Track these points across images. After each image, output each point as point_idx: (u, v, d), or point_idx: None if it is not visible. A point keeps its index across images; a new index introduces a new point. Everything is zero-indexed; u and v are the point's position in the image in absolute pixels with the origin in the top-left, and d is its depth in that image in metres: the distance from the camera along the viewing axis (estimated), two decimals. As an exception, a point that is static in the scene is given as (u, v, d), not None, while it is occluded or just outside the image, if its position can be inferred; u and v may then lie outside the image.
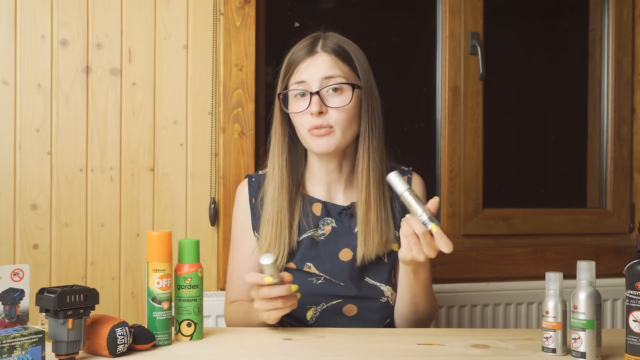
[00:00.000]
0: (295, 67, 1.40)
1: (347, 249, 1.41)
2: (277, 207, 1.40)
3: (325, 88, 1.36)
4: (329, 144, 1.37)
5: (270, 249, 1.39)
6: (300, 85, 1.38)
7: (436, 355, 1.13)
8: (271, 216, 1.40)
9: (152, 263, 1.17)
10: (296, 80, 1.39)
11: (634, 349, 1.04)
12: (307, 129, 1.37)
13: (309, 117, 1.36)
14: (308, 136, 1.38)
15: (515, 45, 2.65)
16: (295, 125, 1.41)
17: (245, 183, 1.49)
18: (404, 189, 1.21)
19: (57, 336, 1.03)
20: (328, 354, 1.13)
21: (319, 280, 1.40)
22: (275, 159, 1.42)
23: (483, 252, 2.12)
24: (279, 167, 1.41)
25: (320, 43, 1.40)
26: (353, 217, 1.43)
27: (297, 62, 1.40)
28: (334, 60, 1.38)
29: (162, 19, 1.85)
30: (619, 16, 2.34)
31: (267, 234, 1.39)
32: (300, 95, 1.38)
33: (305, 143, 1.40)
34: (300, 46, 1.42)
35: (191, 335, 1.20)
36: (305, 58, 1.39)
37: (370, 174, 1.40)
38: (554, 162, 2.69)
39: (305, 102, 1.37)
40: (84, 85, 1.81)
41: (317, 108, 1.35)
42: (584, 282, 1.10)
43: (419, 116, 2.40)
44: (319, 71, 1.37)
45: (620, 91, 2.34)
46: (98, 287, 1.73)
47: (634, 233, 2.32)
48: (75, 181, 1.80)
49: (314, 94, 1.36)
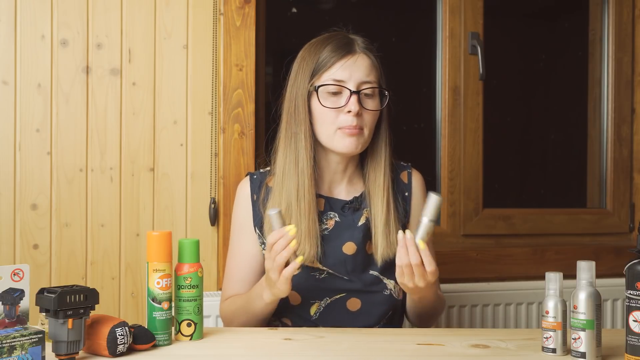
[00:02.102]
0: (332, 64, 1.38)
1: (350, 243, 1.42)
2: (309, 201, 1.38)
3: (363, 90, 1.37)
4: (356, 145, 1.38)
5: (304, 242, 1.37)
6: (338, 82, 1.37)
7: (436, 355, 1.13)
8: (306, 211, 1.38)
9: (152, 263, 1.17)
10: (334, 77, 1.37)
11: (634, 349, 1.04)
12: (338, 126, 1.37)
13: (342, 116, 1.36)
14: (336, 134, 1.37)
15: (515, 45, 2.65)
16: (320, 121, 1.39)
17: (247, 180, 1.49)
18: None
19: (57, 336, 1.03)
20: (328, 354, 1.13)
21: (322, 274, 1.40)
22: (297, 154, 1.39)
23: (483, 252, 2.12)
24: (302, 161, 1.39)
25: (357, 43, 1.41)
26: (357, 211, 1.44)
27: (335, 58, 1.38)
28: (371, 64, 1.40)
29: (162, 19, 1.85)
30: (619, 16, 2.34)
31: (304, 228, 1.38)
32: (333, 93, 1.38)
33: (330, 141, 1.39)
34: (334, 43, 1.40)
35: (191, 335, 1.20)
36: (345, 55, 1.38)
37: (389, 178, 1.44)
38: (554, 162, 2.69)
39: (338, 100, 1.37)
40: (84, 85, 1.81)
41: (357, 108, 1.35)
42: (584, 282, 1.10)
43: (419, 116, 2.40)
44: (358, 72, 1.37)
45: (620, 91, 2.34)
46: (98, 287, 1.73)
47: (634, 233, 2.32)
48: (75, 181, 1.80)
49: (353, 93, 1.36)
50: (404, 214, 1.48)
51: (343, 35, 1.43)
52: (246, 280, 1.46)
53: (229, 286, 1.48)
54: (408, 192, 1.50)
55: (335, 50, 1.38)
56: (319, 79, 1.38)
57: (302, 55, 1.43)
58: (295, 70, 1.43)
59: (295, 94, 1.41)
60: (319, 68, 1.39)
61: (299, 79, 1.41)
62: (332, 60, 1.38)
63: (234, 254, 1.49)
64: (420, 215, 1.51)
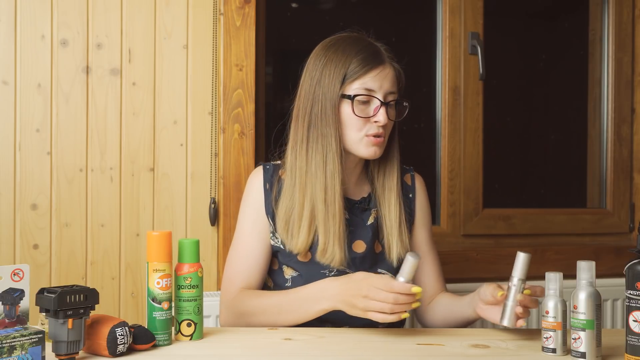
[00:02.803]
0: (364, 73, 1.39)
1: (360, 241, 1.44)
2: (340, 205, 1.39)
3: (390, 101, 1.41)
4: (380, 151, 1.43)
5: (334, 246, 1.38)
6: (369, 92, 1.40)
7: (436, 355, 1.13)
8: (337, 215, 1.39)
9: (152, 263, 1.17)
10: (366, 86, 1.39)
11: (634, 349, 1.04)
12: (366, 134, 1.40)
13: (370, 124, 1.40)
14: (363, 140, 1.40)
15: (515, 45, 2.65)
16: (349, 127, 1.40)
17: (260, 170, 1.48)
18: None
19: (57, 336, 1.03)
20: (328, 354, 1.13)
21: (332, 272, 1.41)
22: (330, 155, 1.40)
23: (483, 252, 2.12)
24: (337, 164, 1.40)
25: (384, 54, 1.44)
26: (365, 211, 1.47)
27: (367, 68, 1.40)
28: (396, 74, 1.44)
29: (162, 19, 1.85)
30: (619, 16, 2.34)
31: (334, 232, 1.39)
32: (363, 102, 1.40)
33: (355, 146, 1.41)
34: (365, 53, 1.41)
35: (191, 335, 1.20)
36: (375, 66, 1.40)
37: (400, 181, 1.49)
38: (554, 162, 2.69)
39: (367, 109, 1.40)
40: (84, 85, 1.81)
41: (386, 119, 1.39)
42: (584, 282, 1.10)
43: (419, 116, 2.40)
44: (387, 83, 1.41)
45: (620, 91, 2.34)
46: (98, 287, 1.73)
47: (634, 233, 2.32)
48: (75, 181, 1.80)
49: (383, 104, 1.40)
50: (408, 214, 1.51)
51: (369, 43, 1.45)
52: (253, 272, 1.43)
53: (236, 277, 1.44)
54: (412, 194, 1.55)
55: (367, 59, 1.41)
56: (350, 86, 1.40)
57: (328, 56, 1.42)
58: (320, 70, 1.42)
59: (323, 97, 1.41)
60: (350, 76, 1.40)
61: (325, 81, 1.41)
62: (364, 70, 1.40)
63: (242, 243, 1.46)
64: (423, 216, 1.54)
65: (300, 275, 1.42)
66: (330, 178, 1.40)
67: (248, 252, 1.45)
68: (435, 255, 1.56)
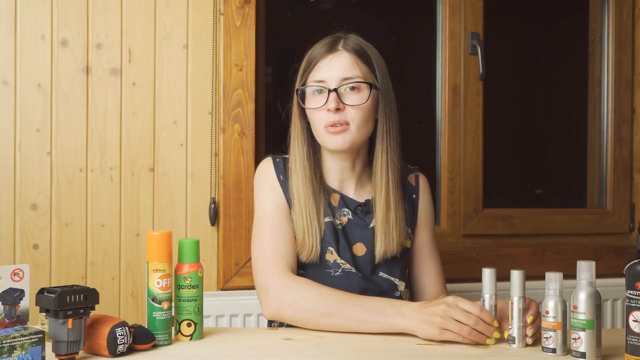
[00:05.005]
0: (315, 64, 1.41)
1: (360, 244, 1.43)
2: (304, 199, 1.40)
3: (344, 86, 1.38)
4: (344, 141, 1.39)
5: (305, 239, 1.38)
6: (319, 83, 1.40)
7: (436, 355, 1.13)
8: (299, 208, 1.39)
9: (152, 263, 1.17)
10: (315, 78, 1.41)
11: (634, 349, 1.04)
12: (323, 125, 1.39)
13: (325, 114, 1.38)
14: (324, 133, 1.39)
15: (515, 45, 2.65)
16: (312, 121, 1.42)
17: (269, 161, 1.48)
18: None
19: (57, 336, 1.03)
20: (328, 354, 1.13)
21: (337, 272, 1.40)
22: (296, 152, 1.44)
23: (483, 252, 2.12)
24: (300, 160, 1.43)
25: (341, 42, 1.43)
26: (368, 214, 1.45)
27: (317, 59, 1.41)
28: (354, 59, 1.40)
29: (162, 19, 1.85)
30: (619, 16, 2.34)
31: (300, 226, 1.39)
32: (318, 92, 1.40)
33: (321, 139, 1.42)
34: (321, 44, 1.43)
35: (191, 335, 1.20)
36: (325, 55, 1.41)
37: (389, 174, 1.44)
38: (554, 162, 2.69)
39: (322, 99, 1.39)
40: (84, 85, 1.81)
41: (335, 105, 1.36)
42: (584, 282, 1.10)
43: (419, 116, 2.40)
44: (338, 70, 1.39)
45: (620, 91, 2.34)
46: (98, 287, 1.73)
47: (634, 233, 2.32)
48: (75, 181, 1.80)
49: (331, 91, 1.37)
50: (411, 214, 1.50)
51: (333, 36, 1.45)
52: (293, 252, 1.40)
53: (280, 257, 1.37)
54: (416, 195, 1.53)
55: (318, 50, 1.42)
56: (305, 80, 1.43)
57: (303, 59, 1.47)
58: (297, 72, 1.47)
59: (293, 95, 1.46)
60: (306, 69, 1.43)
61: (295, 80, 1.46)
62: (314, 61, 1.42)
63: (271, 224, 1.41)
64: (426, 217, 1.53)
65: (305, 275, 1.41)
66: (300, 169, 1.42)
67: (283, 232, 1.40)
68: (437, 258, 1.55)
